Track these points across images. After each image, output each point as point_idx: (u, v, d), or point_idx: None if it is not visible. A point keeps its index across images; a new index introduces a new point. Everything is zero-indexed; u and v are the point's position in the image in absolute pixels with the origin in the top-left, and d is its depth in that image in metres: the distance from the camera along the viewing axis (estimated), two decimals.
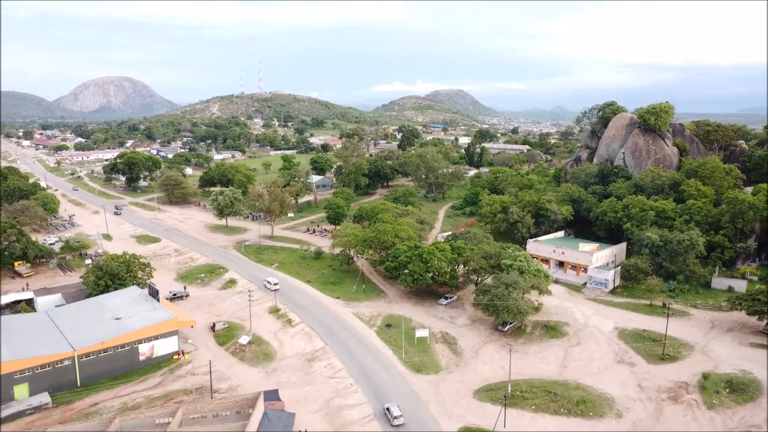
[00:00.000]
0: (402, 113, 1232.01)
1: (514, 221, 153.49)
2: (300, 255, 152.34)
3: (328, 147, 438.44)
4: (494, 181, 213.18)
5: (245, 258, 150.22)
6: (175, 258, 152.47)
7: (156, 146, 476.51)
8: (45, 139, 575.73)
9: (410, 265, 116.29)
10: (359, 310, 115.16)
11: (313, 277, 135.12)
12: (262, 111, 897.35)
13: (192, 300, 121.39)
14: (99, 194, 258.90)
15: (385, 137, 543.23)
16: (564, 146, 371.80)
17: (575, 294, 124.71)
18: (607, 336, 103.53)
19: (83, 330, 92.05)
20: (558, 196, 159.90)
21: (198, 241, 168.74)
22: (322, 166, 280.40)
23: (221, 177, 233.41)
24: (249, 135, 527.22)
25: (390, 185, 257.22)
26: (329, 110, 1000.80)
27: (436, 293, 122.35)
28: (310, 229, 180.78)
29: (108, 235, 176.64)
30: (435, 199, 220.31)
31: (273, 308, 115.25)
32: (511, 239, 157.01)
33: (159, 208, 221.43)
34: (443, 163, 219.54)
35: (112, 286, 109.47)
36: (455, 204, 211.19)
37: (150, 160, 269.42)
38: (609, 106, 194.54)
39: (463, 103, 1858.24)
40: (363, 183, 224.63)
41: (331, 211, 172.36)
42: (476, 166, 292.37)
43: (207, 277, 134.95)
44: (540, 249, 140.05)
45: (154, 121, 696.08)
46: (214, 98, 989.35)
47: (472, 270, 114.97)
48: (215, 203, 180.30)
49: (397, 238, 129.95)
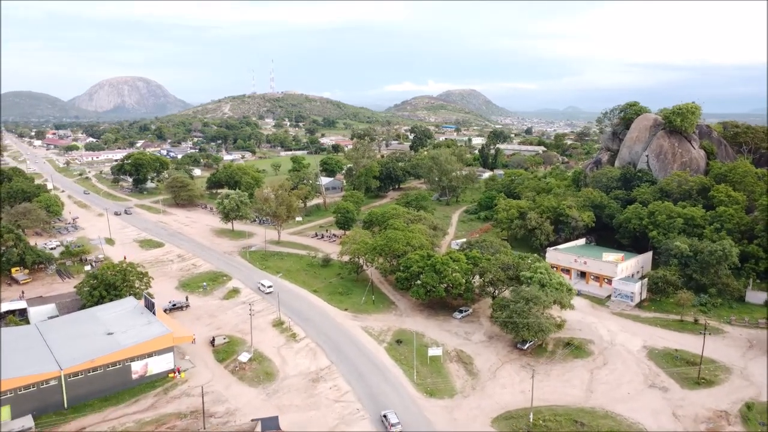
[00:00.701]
0: (414, 113, 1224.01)
1: (532, 228, 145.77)
2: (307, 262, 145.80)
3: (339, 147, 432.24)
4: (510, 185, 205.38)
5: (250, 265, 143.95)
6: (177, 264, 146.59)
7: (166, 146, 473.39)
8: (56, 139, 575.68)
9: (423, 276, 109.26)
10: (368, 323, 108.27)
11: (321, 287, 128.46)
12: (273, 111, 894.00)
13: (192, 311, 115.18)
14: (105, 196, 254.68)
15: (397, 138, 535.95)
16: (581, 147, 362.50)
17: (599, 308, 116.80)
18: (635, 356, 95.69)
19: (73, 346, 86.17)
20: (579, 202, 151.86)
21: (202, 246, 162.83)
22: (332, 167, 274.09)
23: (228, 179, 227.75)
24: (260, 135, 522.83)
25: (401, 188, 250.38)
26: (341, 110, 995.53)
27: (450, 305, 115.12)
28: (319, 234, 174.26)
29: (110, 239, 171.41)
30: (448, 202, 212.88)
31: (277, 321, 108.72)
32: (528, 247, 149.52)
33: (164, 210, 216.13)
34: (457, 166, 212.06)
35: (107, 297, 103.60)
36: (469, 208, 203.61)
37: (157, 161, 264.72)
38: (631, 107, 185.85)
39: (475, 103, 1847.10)
40: (374, 186, 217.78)
41: (340, 216, 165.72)
42: (490, 168, 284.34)
43: (209, 286, 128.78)
44: (560, 258, 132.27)
45: (165, 121, 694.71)
46: (226, 98, 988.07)
47: (489, 282, 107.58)
48: (221, 207, 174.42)
49: (409, 246, 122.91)
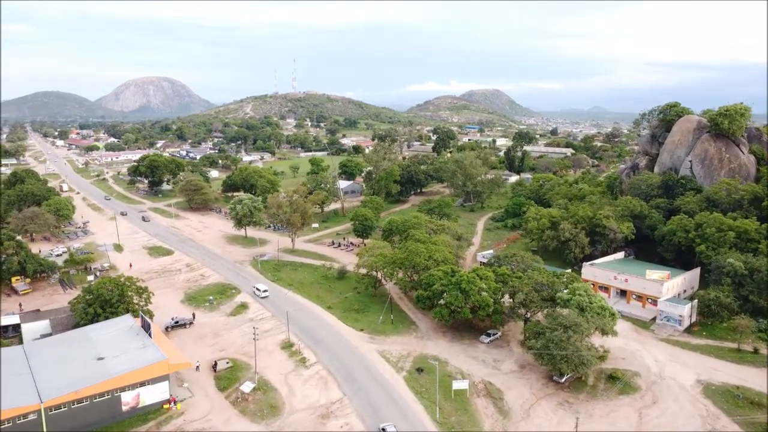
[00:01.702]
0: (437, 113, 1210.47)
1: (566, 240, 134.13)
2: (322, 274, 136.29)
3: (360, 149, 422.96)
4: (539, 190, 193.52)
5: (261, 277, 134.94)
6: (184, 275, 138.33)
7: (186, 147, 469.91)
8: (78, 139, 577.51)
9: (446, 295, 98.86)
10: (386, 347, 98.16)
11: (335, 302, 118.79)
12: (295, 111, 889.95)
13: (196, 329, 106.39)
14: (120, 198, 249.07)
15: (419, 138, 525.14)
16: (611, 150, 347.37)
17: (643, 332, 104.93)
18: (689, 392, 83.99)
19: (58, 373, 77.83)
20: (616, 211, 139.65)
21: (212, 254, 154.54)
22: (352, 170, 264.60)
23: (244, 182, 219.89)
24: (280, 136, 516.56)
25: (423, 191, 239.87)
26: (363, 110, 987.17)
27: (477, 327, 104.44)
28: (335, 243, 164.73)
29: (119, 245, 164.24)
30: (473, 208, 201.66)
31: (286, 342, 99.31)
32: (561, 260, 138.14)
33: (177, 214, 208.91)
34: (482, 170, 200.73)
35: (102, 314, 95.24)
36: (495, 215, 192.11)
37: (173, 163, 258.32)
38: (672, 107, 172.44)
39: (499, 103, 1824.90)
40: (394, 191, 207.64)
41: (358, 224, 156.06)
42: (517, 172, 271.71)
43: (216, 300, 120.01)
44: (598, 274, 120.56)
45: (186, 121, 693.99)
46: (248, 98, 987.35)
47: (521, 303, 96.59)
48: (233, 212, 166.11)
49: (432, 260, 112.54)
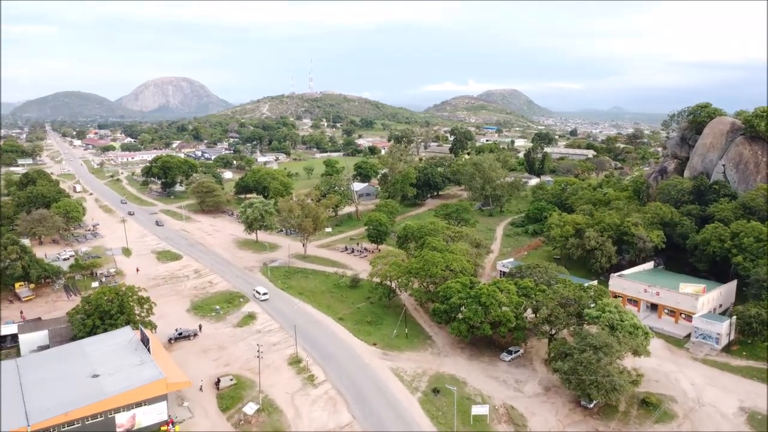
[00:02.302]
0: (454, 113, 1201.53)
1: (591, 248, 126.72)
2: (334, 282, 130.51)
3: (376, 149, 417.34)
4: (561, 194, 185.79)
5: (270, 284, 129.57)
6: (192, 281, 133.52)
7: (202, 147, 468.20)
8: (95, 139, 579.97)
9: (465, 309, 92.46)
10: (400, 364, 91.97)
11: (347, 314, 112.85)
12: (311, 111, 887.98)
13: (200, 341, 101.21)
14: (133, 199, 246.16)
15: (437, 139, 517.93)
16: (634, 151, 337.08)
17: (677, 351, 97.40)
18: (731, 421, 76.61)
19: (49, 392, 72.87)
20: (645, 218, 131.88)
21: (222, 259, 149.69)
22: (367, 171, 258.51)
23: (256, 184, 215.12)
24: (295, 136, 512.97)
25: (440, 194, 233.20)
26: (379, 110, 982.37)
27: (497, 343, 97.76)
28: (349, 248, 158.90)
29: (128, 249, 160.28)
30: (491, 213, 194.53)
31: (294, 357, 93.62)
32: (586, 269, 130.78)
33: (189, 217, 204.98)
34: (501, 172, 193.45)
35: (101, 326, 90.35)
36: (515, 220, 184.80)
37: (186, 164, 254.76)
38: (703, 108, 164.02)
39: (517, 103, 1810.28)
40: (410, 194, 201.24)
41: (372, 229, 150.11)
42: (537, 174, 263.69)
43: (223, 309, 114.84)
44: (626, 287, 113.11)
45: (202, 122, 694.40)
46: (265, 98, 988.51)
47: (545, 319, 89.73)
48: (243, 216, 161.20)
49: (449, 270, 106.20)
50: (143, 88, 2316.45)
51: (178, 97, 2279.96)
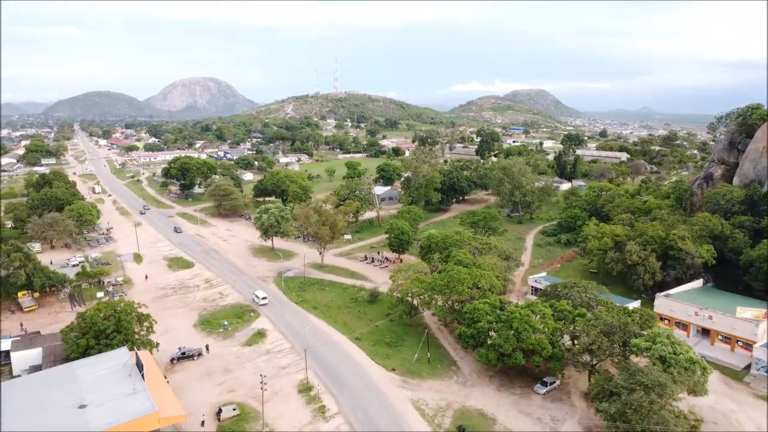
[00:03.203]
0: (480, 114, 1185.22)
1: (633, 264, 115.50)
2: (351, 296, 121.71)
3: (400, 150, 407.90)
4: (595, 201, 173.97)
5: (284, 297, 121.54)
6: (202, 292, 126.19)
7: (224, 147, 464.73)
8: (120, 138, 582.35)
9: (494, 335, 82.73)
10: (421, 394, 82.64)
11: (364, 332, 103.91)
12: (336, 111, 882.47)
13: (205, 362, 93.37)
14: (151, 201, 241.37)
15: (462, 140, 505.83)
16: (671, 155, 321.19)
17: (735, 386, 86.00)
18: None
19: (31, 425, 65.52)
20: (693, 231, 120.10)
21: (235, 268, 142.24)
22: (390, 174, 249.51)
23: (275, 187, 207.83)
24: (318, 137, 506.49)
25: (466, 199, 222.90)
26: (404, 111, 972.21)
27: (530, 371, 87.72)
28: (369, 257, 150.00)
29: (139, 255, 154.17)
30: (521, 220, 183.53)
31: (304, 384, 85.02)
32: (626, 286, 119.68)
33: (205, 221, 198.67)
34: (531, 177, 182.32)
35: (96, 347, 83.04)
36: (546, 228, 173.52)
37: (204, 166, 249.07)
38: (754, 110, 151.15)
39: (544, 104, 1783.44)
40: (435, 199, 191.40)
41: (393, 238, 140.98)
42: (568, 179, 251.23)
43: (231, 325, 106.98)
44: (675, 308, 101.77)
45: (226, 122, 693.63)
46: (290, 98, 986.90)
47: (586, 349, 79.45)
48: (258, 223, 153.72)
49: (476, 288, 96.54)
50: (171, 88, 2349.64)
51: (205, 97, 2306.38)
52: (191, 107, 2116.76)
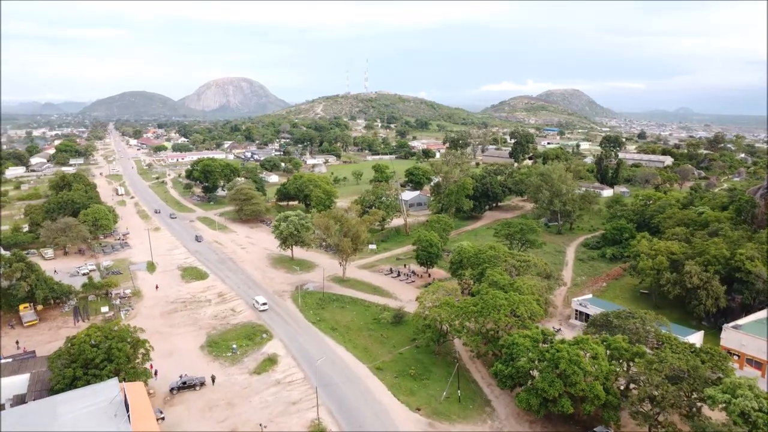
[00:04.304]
0: (512, 114, 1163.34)
1: (693, 287, 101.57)
2: (374, 316, 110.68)
3: (430, 152, 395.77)
4: (643, 211, 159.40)
5: (300, 315, 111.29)
6: (213, 307, 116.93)
7: (252, 148, 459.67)
8: (150, 138, 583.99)
9: (537, 376, 70.67)
10: None
11: (387, 360, 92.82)
12: (365, 111, 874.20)
13: (207, 392, 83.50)
14: (173, 204, 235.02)
15: (495, 142, 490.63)
16: (720, 159, 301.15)
17: None
18: None
19: None
20: (763, 250, 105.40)
21: (251, 281, 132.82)
22: (419, 178, 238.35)
23: (298, 192, 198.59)
24: (347, 138, 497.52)
25: (500, 205, 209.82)
26: (435, 111, 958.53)
27: (577, 417, 75.16)
28: (394, 271, 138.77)
29: (152, 263, 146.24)
30: (560, 230, 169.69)
31: (315, 425, 74.26)
32: (683, 311, 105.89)
33: (225, 226, 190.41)
34: (572, 184, 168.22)
35: (83, 378, 73.88)
36: (588, 240, 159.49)
37: (227, 168, 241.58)
38: None
39: (578, 104, 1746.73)
40: (466, 207, 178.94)
41: (421, 251, 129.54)
42: (610, 184, 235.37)
43: (240, 348, 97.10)
44: (746, 343, 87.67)
45: (256, 122, 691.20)
46: (320, 98, 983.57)
47: (646, 397, 66.67)
48: (277, 231, 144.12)
49: (515, 317, 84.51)
50: (205, 88, 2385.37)
51: (238, 97, 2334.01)
52: (224, 107, 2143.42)
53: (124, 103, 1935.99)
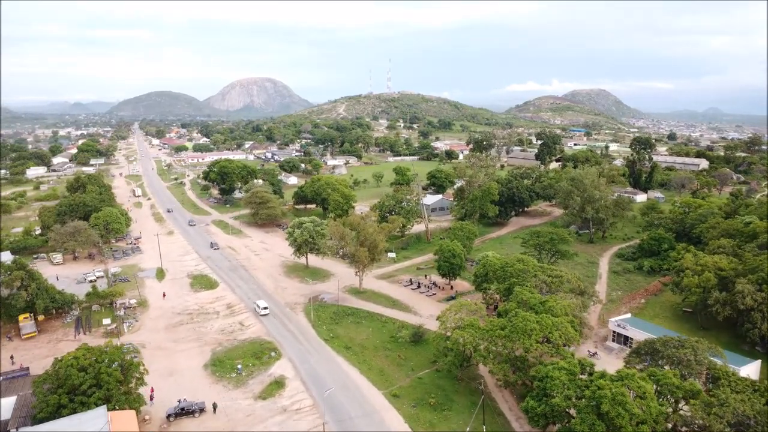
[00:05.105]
0: (537, 114, 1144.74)
1: (746, 308, 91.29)
2: (391, 333, 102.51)
3: (453, 154, 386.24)
4: (683, 220, 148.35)
5: (312, 332, 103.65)
6: (221, 321, 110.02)
7: (273, 149, 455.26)
8: (172, 138, 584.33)
9: (574, 416, 61.78)
10: None
11: (404, 386, 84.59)
12: (388, 111, 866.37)
13: (207, 420, 76.22)
14: (190, 207, 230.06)
15: (520, 143, 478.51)
16: (759, 162, 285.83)
17: None
18: None
19: None
20: None
21: (262, 291, 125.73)
22: (442, 181, 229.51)
23: (315, 195, 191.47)
24: (368, 138, 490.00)
25: (527, 211, 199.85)
26: (458, 111, 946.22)
27: None
28: (414, 282, 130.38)
29: (162, 270, 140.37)
30: (591, 239, 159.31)
31: None
32: (733, 334, 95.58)
33: (240, 230, 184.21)
34: (606, 191, 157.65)
35: (69, 406, 67.10)
36: (623, 250, 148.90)
37: (245, 169, 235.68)
38: None
39: (604, 104, 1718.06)
40: (492, 213, 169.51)
41: (443, 261, 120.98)
42: (643, 189, 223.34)
43: (246, 369, 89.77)
44: None
45: (278, 122, 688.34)
46: (342, 98, 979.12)
47: None
48: (290, 238, 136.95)
49: (548, 343, 75.63)
50: (230, 88, 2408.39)
51: (262, 97, 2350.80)
52: (248, 107, 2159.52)
53: (150, 103, 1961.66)
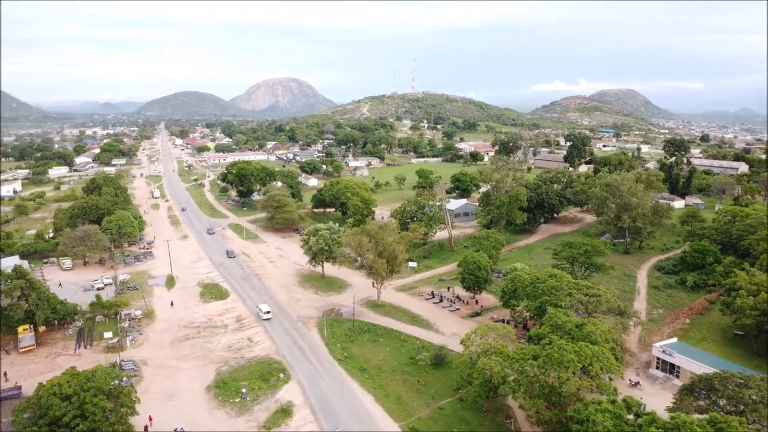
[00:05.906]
0: (564, 115, 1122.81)
1: None
2: (410, 354, 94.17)
3: (479, 155, 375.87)
4: (728, 230, 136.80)
5: (324, 350, 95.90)
6: (229, 335, 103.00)
7: (295, 149, 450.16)
8: (194, 138, 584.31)
9: None
10: None
11: (424, 417, 76.23)
12: (412, 112, 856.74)
13: None
14: (207, 209, 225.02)
15: (547, 144, 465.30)
16: None
17: None
18: None
19: None
20: None
21: (274, 303, 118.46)
22: (466, 185, 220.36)
23: (333, 199, 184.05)
24: (391, 139, 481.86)
25: (556, 217, 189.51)
26: (483, 111, 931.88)
27: None
28: (437, 295, 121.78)
29: (172, 278, 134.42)
30: (627, 249, 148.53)
31: None
32: None
33: (255, 235, 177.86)
34: (644, 198, 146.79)
35: None
36: (663, 263, 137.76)
37: (263, 171, 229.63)
38: None
39: (633, 104, 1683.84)
40: (519, 220, 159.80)
41: (468, 274, 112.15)
42: (681, 195, 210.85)
43: (252, 393, 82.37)
44: None
45: (300, 122, 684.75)
46: (366, 98, 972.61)
47: None
48: (305, 246, 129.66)
49: (587, 375, 66.55)
50: (255, 88, 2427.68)
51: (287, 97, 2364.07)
52: (273, 107, 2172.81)
53: (177, 102, 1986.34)
